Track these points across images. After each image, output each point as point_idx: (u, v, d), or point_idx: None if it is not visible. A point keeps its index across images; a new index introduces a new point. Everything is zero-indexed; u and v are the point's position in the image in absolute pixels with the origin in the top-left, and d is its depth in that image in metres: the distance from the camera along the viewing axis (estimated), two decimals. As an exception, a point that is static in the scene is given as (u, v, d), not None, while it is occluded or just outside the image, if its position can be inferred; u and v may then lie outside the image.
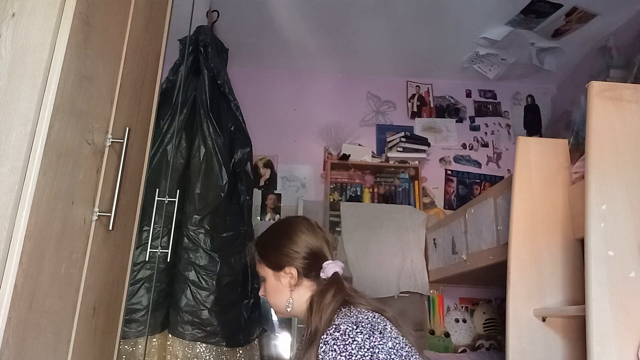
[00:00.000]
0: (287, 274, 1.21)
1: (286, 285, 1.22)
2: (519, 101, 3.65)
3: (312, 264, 1.22)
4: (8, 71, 0.78)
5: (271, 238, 1.30)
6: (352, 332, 1.00)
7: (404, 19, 2.90)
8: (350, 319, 1.04)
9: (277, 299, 1.24)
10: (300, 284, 1.21)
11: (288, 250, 1.22)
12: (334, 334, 1.01)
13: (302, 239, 1.24)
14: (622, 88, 1.31)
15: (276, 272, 1.24)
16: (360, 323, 1.03)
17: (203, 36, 2.32)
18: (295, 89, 3.51)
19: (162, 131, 2.13)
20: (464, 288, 3.08)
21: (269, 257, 1.26)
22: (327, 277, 1.20)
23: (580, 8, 2.75)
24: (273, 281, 1.24)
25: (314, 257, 1.23)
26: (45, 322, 0.83)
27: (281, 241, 1.25)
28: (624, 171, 1.23)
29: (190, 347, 1.98)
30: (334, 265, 1.21)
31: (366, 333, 1.00)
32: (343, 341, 0.99)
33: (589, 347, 1.11)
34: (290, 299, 1.21)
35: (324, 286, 1.18)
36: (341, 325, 1.02)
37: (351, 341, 0.99)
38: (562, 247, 1.52)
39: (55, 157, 0.81)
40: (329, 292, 1.14)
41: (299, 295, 1.21)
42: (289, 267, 1.21)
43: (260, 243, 1.31)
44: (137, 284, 1.94)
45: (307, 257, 1.22)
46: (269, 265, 1.25)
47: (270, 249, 1.27)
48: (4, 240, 0.72)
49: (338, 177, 3.25)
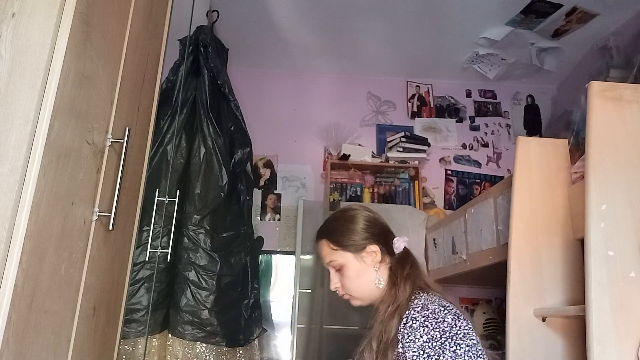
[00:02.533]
0: (370, 252, 1.22)
1: (370, 264, 1.22)
2: (519, 101, 3.65)
3: (385, 239, 1.25)
4: (8, 71, 0.78)
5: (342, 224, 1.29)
6: (441, 313, 1.04)
7: (404, 19, 2.90)
8: (436, 302, 1.07)
9: (363, 282, 1.23)
10: (384, 261, 1.23)
11: (363, 229, 1.25)
12: (423, 312, 1.04)
13: (371, 218, 1.27)
14: (622, 88, 1.30)
15: (358, 254, 1.23)
16: (446, 307, 1.06)
17: (203, 36, 2.33)
18: (295, 89, 3.51)
19: (162, 131, 2.13)
20: (464, 288, 3.07)
21: (346, 241, 1.25)
22: (399, 252, 1.24)
23: (580, 8, 2.75)
24: (356, 264, 1.23)
25: (386, 233, 1.27)
26: (45, 322, 0.83)
27: (354, 224, 1.26)
28: (624, 171, 1.23)
29: (190, 347, 1.98)
30: (402, 240, 1.25)
31: (453, 317, 1.04)
32: (435, 319, 1.02)
33: (589, 347, 1.11)
34: (377, 277, 1.22)
35: (399, 258, 1.23)
36: (429, 305, 1.05)
37: (442, 320, 1.02)
38: (562, 247, 1.52)
39: (55, 157, 0.81)
40: (407, 263, 1.21)
41: (382, 272, 1.23)
42: (370, 244, 1.23)
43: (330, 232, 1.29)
44: (137, 284, 1.94)
45: (381, 234, 1.25)
46: (348, 248, 1.24)
47: (346, 233, 1.26)
48: (4, 240, 0.71)
49: (338, 177, 3.25)
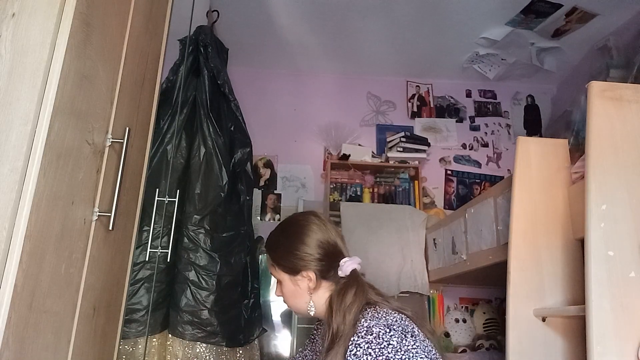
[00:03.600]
0: (305, 277, 1.16)
1: (305, 289, 1.17)
2: (519, 101, 3.65)
3: (328, 264, 1.17)
4: (8, 71, 0.78)
5: (283, 240, 1.23)
6: (386, 335, 0.97)
7: (404, 19, 2.90)
8: (381, 321, 1.00)
9: (296, 302, 1.20)
10: (319, 287, 1.17)
11: (302, 253, 1.16)
12: (367, 337, 0.97)
13: (313, 238, 1.18)
14: (622, 88, 1.30)
15: (293, 277, 1.18)
16: (391, 325, 0.99)
17: (203, 36, 2.32)
18: (295, 89, 3.51)
19: (162, 131, 2.12)
20: (464, 288, 3.07)
21: (283, 261, 1.20)
22: (346, 275, 1.15)
23: (580, 8, 2.75)
24: (291, 285, 1.19)
25: (330, 256, 1.17)
26: (45, 322, 0.83)
27: (294, 244, 1.18)
28: (624, 171, 1.23)
29: (190, 347, 1.97)
30: (351, 262, 1.16)
31: (399, 336, 0.97)
32: (378, 344, 0.95)
33: (589, 347, 1.11)
34: (311, 302, 1.17)
35: (343, 285, 1.13)
36: (373, 328, 0.98)
37: (386, 344, 0.95)
38: (562, 247, 1.52)
39: (55, 157, 0.81)
40: (350, 291, 1.10)
41: (318, 297, 1.16)
42: (306, 270, 1.16)
43: (271, 246, 1.24)
44: (137, 284, 1.93)
45: (322, 259, 1.16)
46: (284, 270, 1.19)
47: (283, 254, 1.20)
48: (4, 240, 0.71)
49: (338, 177, 3.25)
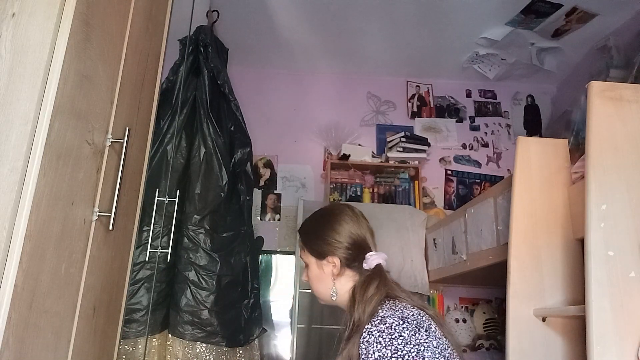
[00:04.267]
0: (330, 263, 1.21)
1: (329, 274, 1.21)
2: (519, 101, 3.65)
3: (355, 254, 1.20)
4: (8, 71, 0.78)
5: (315, 226, 1.28)
6: (398, 327, 0.99)
7: (404, 19, 2.90)
8: (396, 313, 1.02)
9: (320, 287, 1.24)
10: (343, 274, 1.20)
11: (331, 239, 1.21)
12: (380, 326, 1.00)
13: (345, 228, 1.22)
14: (622, 88, 1.30)
15: (319, 261, 1.23)
16: (406, 318, 1.01)
17: (203, 36, 2.32)
18: (295, 89, 3.51)
19: (162, 131, 2.13)
20: (464, 288, 3.07)
21: (312, 245, 1.25)
22: (370, 269, 1.18)
23: (580, 8, 2.75)
24: (316, 269, 1.24)
25: (357, 247, 1.21)
26: (45, 322, 0.83)
27: (325, 230, 1.23)
28: (624, 171, 1.23)
29: (190, 347, 1.98)
30: (377, 257, 1.19)
31: (412, 329, 0.99)
32: (389, 335, 0.98)
33: (589, 347, 1.11)
34: (334, 288, 1.20)
35: (366, 277, 1.16)
36: (387, 318, 1.01)
37: (397, 335, 0.97)
38: (562, 247, 1.52)
39: (55, 157, 0.81)
40: (372, 283, 1.13)
41: (341, 284, 1.20)
42: (332, 256, 1.20)
43: (304, 230, 1.30)
44: (137, 284, 1.93)
45: (350, 248, 1.21)
46: (312, 253, 1.24)
47: (313, 237, 1.25)
48: (4, 240, 0.71)
49: (338, 177, 3.25)
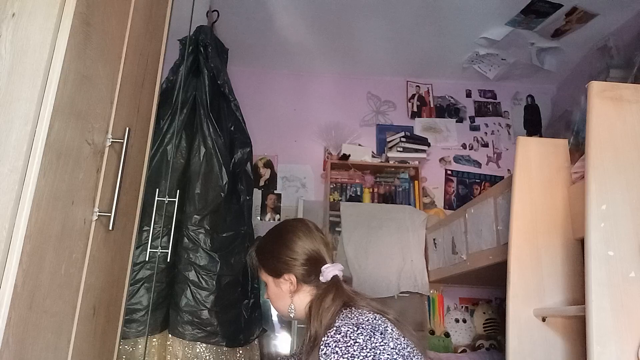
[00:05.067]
0: (286, 280, 1.22)
1: (286, 291, 1.22)
2: (519, 101, 3.65)
3: (310, 269, 1.21)
4: (8, 71, 0.77)
5: (269, 245, 1.29)
6: (353, 334, 1.00)
7: (404, 19, 2.90)
8: (351, 321, 1.04)
9: (279, 304, 1.26)
10: (300, 290, 1.22)
11: (285, 257, 1.22)
12: (335, 336, 1.01)
13: (298, 245, 1.23)
14: (622, 88, 1.30)
15: (276, 279, 1.24)
16: (360, 324, 1.02)
17: (203, 36, 2.32)
18: (295, 89, 3.51)
19: (162, 131, 2.12)
20: (464, 288, 3.07)
21: (268, 264, 1.26)
22: (327, 281, 1.19)
23: (580, 8, 2.75)
24: (274, 287, 1.25)
25: (312, 262, 1.22)
26: (45, 322, 0.83)
27: (278, 248, 1.24)
28: (624, 171, 1.23)
29: (190, 347, 1.97)
30: (332, 269, 1.20)
31: (367, 334, 1.00)
32: (344, 343, 0.99)
33: (589, 347, 1.11)
34: (291, 305, 1.22)
35: (322, 290, 1.17)
36: (342, 327, 1.02)
37: (352, 342, 0.98)
38: (562, 247, 1.52)
39: (55, 157, 0.81)
40: (328, 296, 1.14)
41: (299, 300, 1.21)
42: (288, 274, 1.22)
43: (259, 250, 1.31)
44: (137, 284, 1.93)
45: (305, 263, 1.21)
46: (268, 272, 1.26)
47: (268, 257, 1.27)
48: (4, 240, 0.71)
49: (338, 177, 3.25)
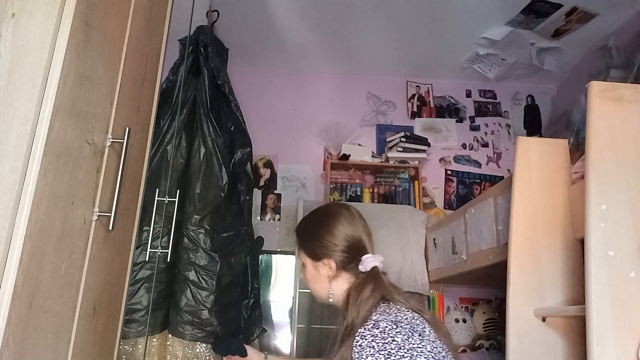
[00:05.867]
0: (326, 265, 1.20)
1: (324, 275, 1.20)
2: (519, 101, 3.65)
3: (350, 256, 1.19)
4: (8, 71, 0.77)
5: (310, 227, 1.27)
6: (391, 331, 0.98)
7: (404, 19, 2.90)
8: (390, 317, 1.01)
9: (316, 286, 1.24)
10: (339, 276, 1.20)
11: (326, 242, 1.20)
12: (373, 330, 0.99)
13: (341, 230, 1.20)
14: (622, 88, 1.30)
15: (315, 262, 1.22)
16: (399, 322, 1.00)
17: (203, 36, 2.32)
18: (295, 89, 3.51)
19: (162, 131, 2.12)
20: (464, 288, 3.08)
21: (308, 246, 1.24)
22: (366, 271, 1.17)
23: (580, 8, 2.75)
24: (312, 270, 1.23)
25: (353, 249, 1.20)
26: (45, 322, 0.83)
27: (320, 232, 1.22)
28: (624, 171, 1.23)
29: (190, 347, 1.97)
30: (373, 259, 1.19)
31: (405, 334, 0.98)
32: (382, 339, 0.97)
33: (589, 347, 1.11)
34: (330, 290, 1.20)
35: (362, 280, 1.15)
36: (380, 323, 1.00)
37: (390, 340, 0.97)
38: (562, 247, 1.52)
39: (55, 157, 0.81)
40: (367, 286, 1.12)
41: (337, 286, 1.19)
42: (327, 259, 1.20)
43: (300, 231, 1.29)
44: (137, 284, 1.93)
45: (345, 250, 1.19)
46: (308, 254, 1.24)
47: (308, 239, 1.25)
48: (4, 240, 0.71)
49: (338, 177, 3.25)
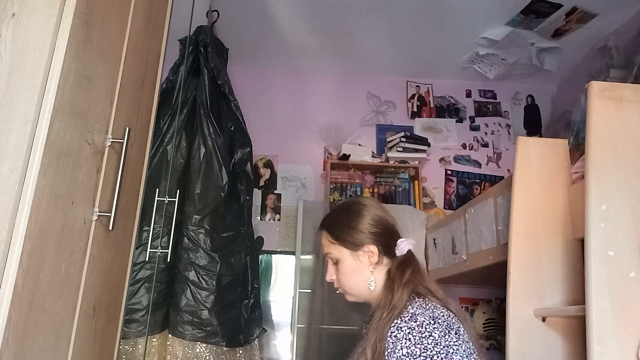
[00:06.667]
0: (367, 252, 1.18)
1: (366, 264, 1.17)
2: (519, 101, 3.65)
3: (388, 241, 1.19)
4: (8, 71, 0.78)
5: (344, 217, 1.24)
6: (429, 326, 0.98)
7: (404, 19, 2.90)
8: (427, 312, 1.01)
9: (356, 280, 1.19)
10: (380, 262, 1.18)
11: (365, 227, 1.19)
12: (410, 322, 0.99)
13: (374, 214, 1.21)
14: (622, 88, 1.30)
15: (354, 251, 1.19)
16: (437, 319, 1.00)
17: (203, 36, 2.32)
18: (295, 89, 3.51)
19: (162, 131, 2.13)
20: (464, 288, 3.07)
21: (345, 236, 1.20)
22: (402, 254, 1.18)
23: (580, 8, 2.75)
24: (351, 261, 1.19)
25: (390, 234, 1.20)
26: (45, 322, 0.83)
27: (357, 219, 1.20)
28: (624, 171, 1.23)
29: (190, 347, 1.98)
30: (407, 243, 1.19)
31: (442, 330, 0.98)
32: (419, 333, 0.97)
33: (589, 347, 1.11)
34: (372, 277, 1.17)
35: (401, 262, 1.16)
36: (418, 317, 1.00)
37: (428, 335, 0.96)
38: (562, 247, 1.52)
39: (55, 157, 0.81)
40: (408, 268, 1.13)
41: (378, 273, 1.17)
42: (369, 245, 1.18)
43: (331, 223, 1.25)
44: (137, 284, 1.93)
45: (383, 234, 1.19)
46: (346, 244, 1.20)
47: (345, 228, 1.21)
48: (4, 240, 0.71)
49: (338, 177, 3.25)
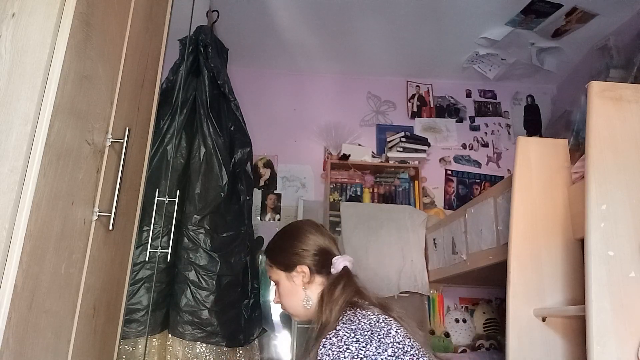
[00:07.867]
0: (299, 272, 1.24)
1: (299, 284, 1.23)
2: (519, 101, 3.65)
3: (322, 260, 1.24)
4: (8, 71, 0.78)
5: (280, 242, 1.33)
6: (347, 339, 1.00)
7: (404, 19, 2.90)
8: (351, 325, 1.03)
9: (292, 300, 1.25)
10: (313, 281, 1.23)
11: (297, 249, 1.25)
12: (332, 339, 1.01)
13: (310, 238, 1.27)
14: (622, 88, 1.31)
15: (288, 273, 1.25)
16: (359, 330, 1.02)
17: (203, 36, 2.32)
18: (295, 89, 3.51)
19: (162, 131, 2.12)
20: (464, 288, 3.08)
21: (279, 259, 1.28)
22: (338, 272, 1.21)
23: (580, 8, 2.75)
24: (286, 283, 1.26)
25: (323, 253, 1.25)
26: (45, 322, 0.83)
27: (290, 242, 1.28)
28: (624, 171, 1.23)
29: (190, 347, 1.97)
30: (342, 260, 1.23)
31: (363, 341, 1.00)
32: (337, 348, 0.99)
33: (589, 347, 1.11)
34: (306, 297, 1.22)
35: (333, 280, 1.19)
36: (340, 331, 1.03)
37: (345, 349, 0.99)
38: (562, 247, 1.52)
39: (55, 157, 0.81)
40: (339, 285, 1.16)
41: (312, 292, 1.23)
42: (300, 265, 1.23)
43: (270, 249, 1.34)
44: (137, 284, 1.93)
45: (316, 254, 1.25)
46: (280, 267, 1.27)
47: (279, 252, 1.29)
48: (4, 240, 0.71)
49: (338, 177, 3.25)
